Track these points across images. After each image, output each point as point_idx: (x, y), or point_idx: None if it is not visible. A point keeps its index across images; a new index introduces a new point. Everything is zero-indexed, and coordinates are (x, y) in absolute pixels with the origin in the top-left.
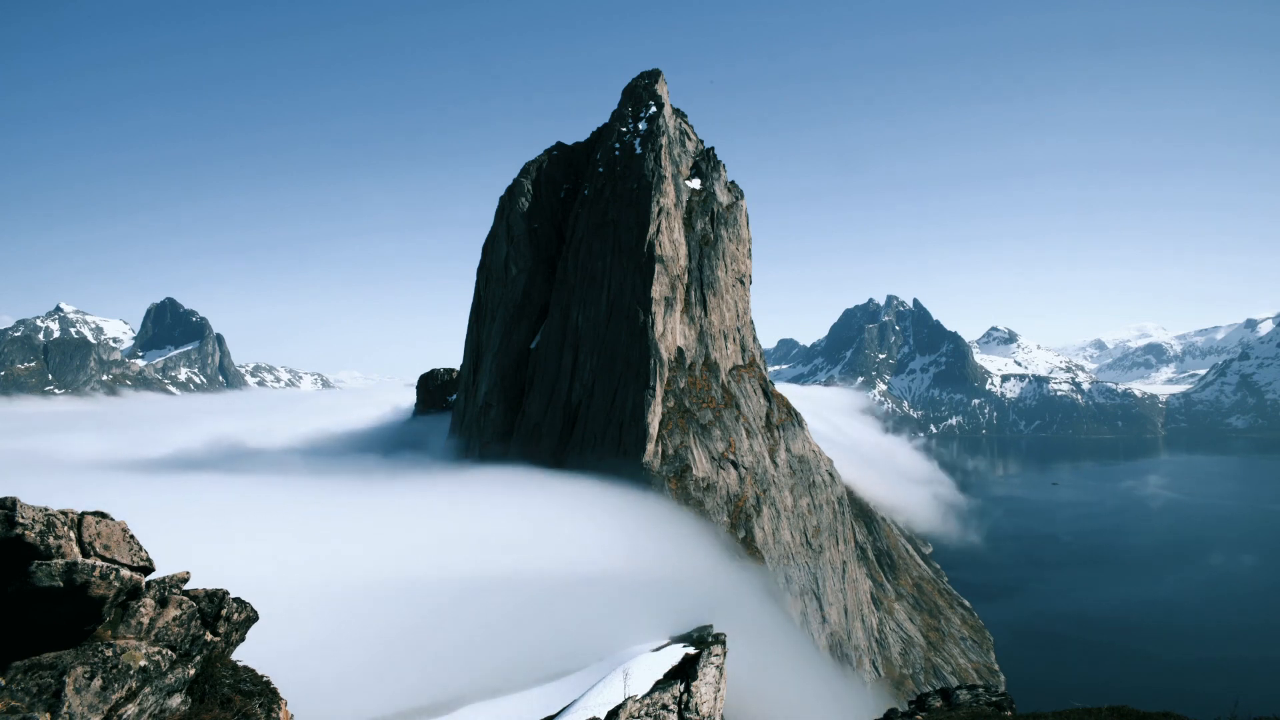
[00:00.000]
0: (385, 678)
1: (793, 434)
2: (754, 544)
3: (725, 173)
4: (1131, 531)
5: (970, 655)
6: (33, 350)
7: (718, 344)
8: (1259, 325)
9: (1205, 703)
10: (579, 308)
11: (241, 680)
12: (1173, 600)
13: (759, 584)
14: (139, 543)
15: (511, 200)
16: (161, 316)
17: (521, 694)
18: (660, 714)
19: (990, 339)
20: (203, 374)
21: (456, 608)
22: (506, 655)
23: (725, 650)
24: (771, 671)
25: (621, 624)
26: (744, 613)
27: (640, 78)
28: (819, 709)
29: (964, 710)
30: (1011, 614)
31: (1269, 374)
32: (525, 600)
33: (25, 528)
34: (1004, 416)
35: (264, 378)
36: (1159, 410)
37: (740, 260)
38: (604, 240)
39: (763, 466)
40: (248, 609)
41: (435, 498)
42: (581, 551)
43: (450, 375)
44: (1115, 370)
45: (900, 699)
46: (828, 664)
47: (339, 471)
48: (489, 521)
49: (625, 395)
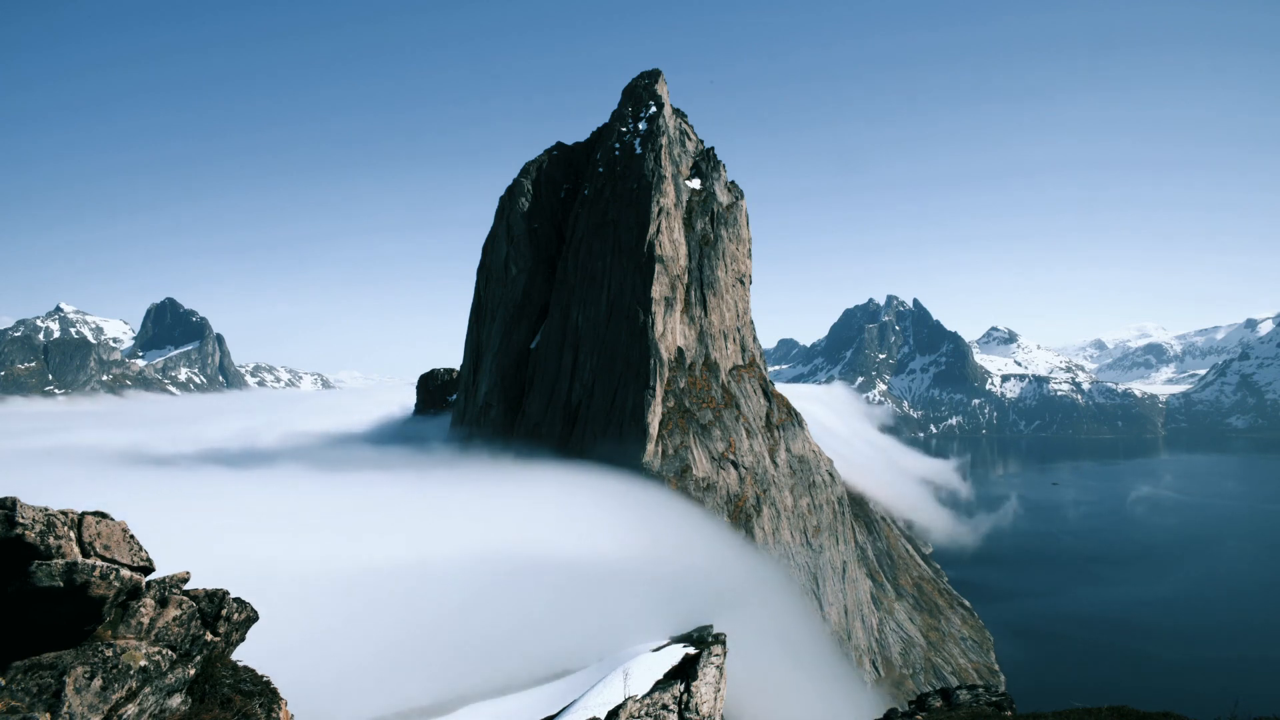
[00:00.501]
0: (385, 677)
1: (793, 434)
2: (754, 544)
3: (725, 173)
4: (1131, 531)
5: (970, 655)
6: (33, 350)
7: (718, 344)
8: (1259, 325)
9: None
10: (579, 308)
11: (241, 680)
12: (1173, 600)
13: (759, 583)
14: (139, 543)
15: (511, 200)
16: (161, 316)
17: (521, 694)
18: (660, 714)
19: (990, 339)
20: (203, 374)
21: (457, 607)
22: (506, 655)
23: (725, 650)
24: (772, 671)
25: (621, 624)
26: (744, 612)
27: (640, 78)
28: (819, 709)
29: (964, 710)
30: (1011, 614)
31: (1269, 374)
32: (525, 600)
33: (25, 528)
34: (1004, 416)
35: (264, 378)
36: (1159, 410)
37: (740, 260)
38: (604, 240)
39: (763, 466)
40: (248, 609)
41: (434, 490)
42: (581, 551)
43: (450, 375)
44: (1115, 370)
45: (900, 699)
46: (828, 664)
47: (338, 468)
48: (487, 522)
49: (625, 395)
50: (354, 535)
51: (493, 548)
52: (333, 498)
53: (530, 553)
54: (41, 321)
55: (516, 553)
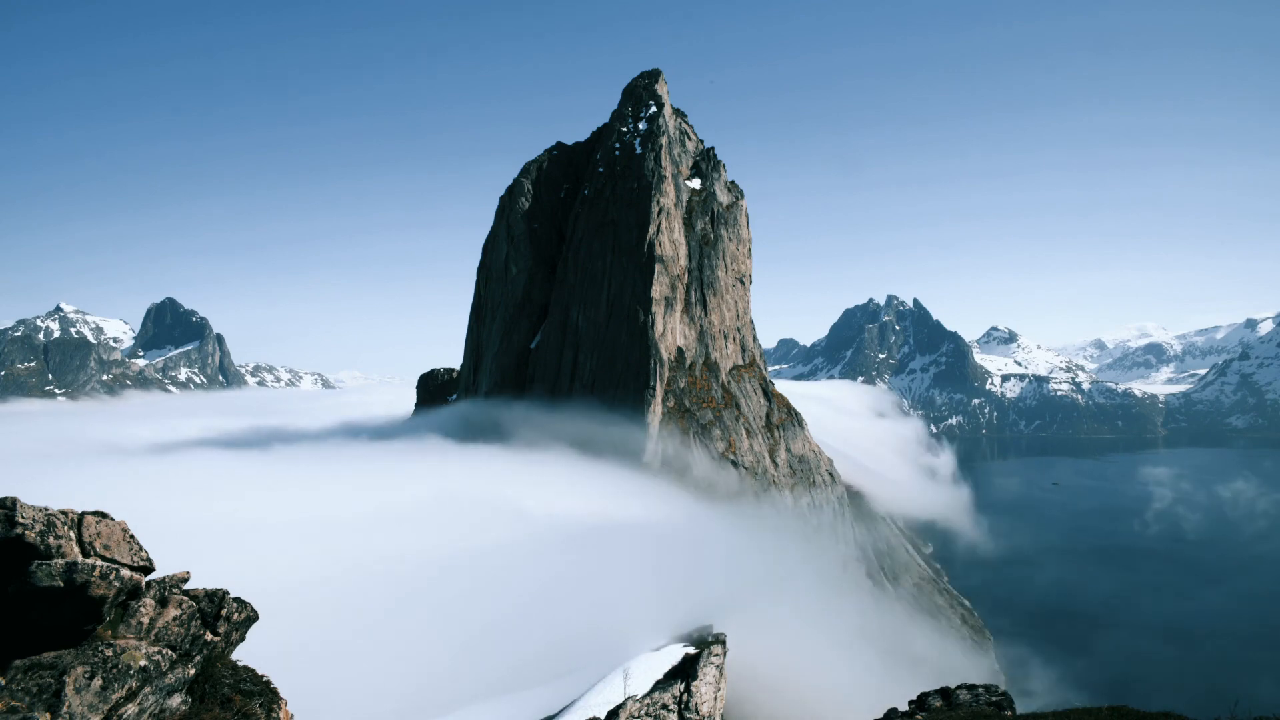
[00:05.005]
0: (385, 677)
1: (793, 434)
2: (754, 543)
3: (725, 172)
4: (1131, 531)
5: (970, 655)
6: (33, 350)
7: (718, 344)
8: (1259, 325)
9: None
10: (579, 308)
11: (241, 680)
12: (1173, 599)
13: (760, 582)
14: (139, 542)
15: (511, 200)
16: (161, 316)
17: (521, 694)
18: (660, 714)
19: (990, 339)
20: (203, 374)
21: (457, 607)
22: (506, 655)
23: (725, 650)
24: (771, 671)
25: (621, 624)
26: (744, 611)
27: (640, 77)
28: (819, 709)
29: (964, 710)
30: (1011, 614)
31: (1269, 374)
32: (525, 600)
33: (25, 528)
34: (1004, 416)
35: (264, 378)
36: (1159, 410)
37: (740, 260)
38: (604, 240)
39: (763, 466)
40: (248, 609)
41: (433, 489)
42: (581, 550)
43: (450, 375)
44: (1115, 370)
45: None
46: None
47: (338, 468)
48: (487, 521)
49: (625, 395)
50: (353, 535)
51: (492, 547)
52: (332, 498)
53: (530, 551)
54: (41, 321)
55: (516, 551)
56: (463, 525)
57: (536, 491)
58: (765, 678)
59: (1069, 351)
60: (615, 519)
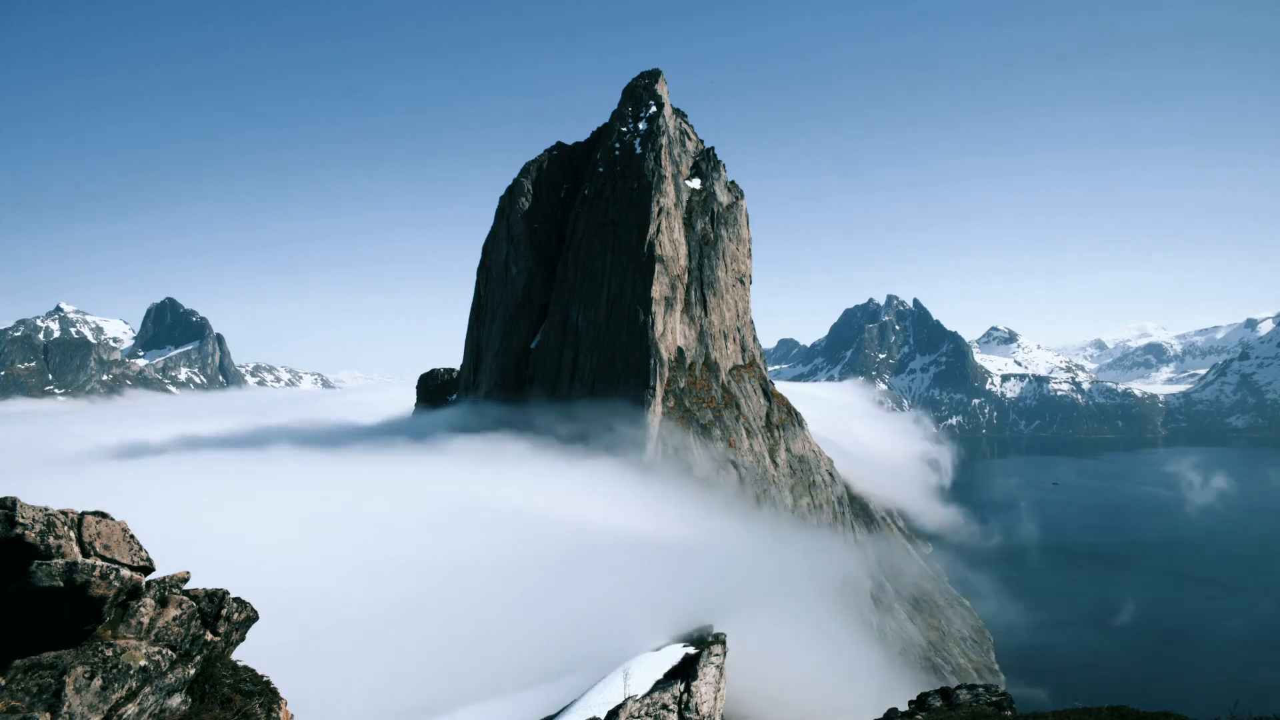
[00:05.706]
0: (386, 677)
1: (793, 434)
2: (755, 542)
3: (725, 172)
4: (1131, 531)
5: (970, 655)
6: (33, 350)
7: (718, 344)
8: (1259, 325)
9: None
10: (579, 308)
11: (241, 680)
12: (1172, 599)
13: (759, 583)
14: (139, 542)
15: (511, 200)
16: (161, 316)
17: (522, 694)
18: (660, 714)
19: (990, 339)
20: (203, 374)
21: (458, 607)
22: (507, 654)
23: (725, 650)
24: (772, 671)
25: (621, 624)
26: (744, 611)
27: (640, 77)
28: (819, 708)
29: (964, 710)
30: (1011, 614)
31: (1269, 374)
32: (526, 600)
33: (25, 528)
34: (1004, 416)
35: (264, 377)
36: (1159, 410)
37: (740, 260)
38: (604, 240)
39: (763, 466)
40: (248, 609)
41: (432, 489)
42: (581, 549)
43: (450, 375)
44: (1115, 370)
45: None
46: (828, 664)
47: (337, 467)
48: (486, 520)
49: (625, 395)
50: (353, 535)
51: (492, 547)
52: (331, 498)
53: (530, 551)
54: (41, 321)
55: (516, 551)
56: (462, 525)
57: (536, 491)
58: (765, 678)
59: (1069, 351)
60: (615, 519)
